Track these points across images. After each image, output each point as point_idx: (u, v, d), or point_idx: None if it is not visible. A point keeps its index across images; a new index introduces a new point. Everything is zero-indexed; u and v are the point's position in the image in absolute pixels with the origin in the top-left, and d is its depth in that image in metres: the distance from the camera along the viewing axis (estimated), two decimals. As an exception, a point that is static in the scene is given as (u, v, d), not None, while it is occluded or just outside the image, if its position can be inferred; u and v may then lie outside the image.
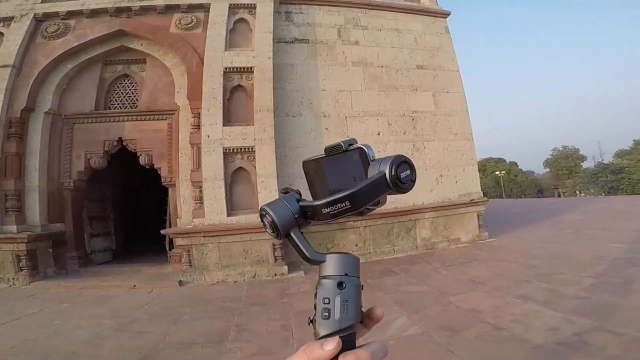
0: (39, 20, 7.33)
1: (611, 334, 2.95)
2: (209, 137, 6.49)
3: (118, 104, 7.56)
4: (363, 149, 0.50)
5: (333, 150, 0.53)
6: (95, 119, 7.30)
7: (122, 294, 5.60)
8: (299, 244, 0.51)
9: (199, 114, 6.69)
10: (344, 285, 0.47)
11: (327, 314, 0.45)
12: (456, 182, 8.21)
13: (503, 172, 47.48)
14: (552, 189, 47.14)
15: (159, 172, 7.16)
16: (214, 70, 6.84)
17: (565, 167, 45.61)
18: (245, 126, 6.67)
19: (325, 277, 0.48)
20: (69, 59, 7.29)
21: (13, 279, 6.20)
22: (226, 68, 6.88)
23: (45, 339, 3.75)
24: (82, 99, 7.37)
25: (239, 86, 6.96)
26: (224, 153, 6.46)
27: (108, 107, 7.50)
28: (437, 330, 3.37)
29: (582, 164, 46.19)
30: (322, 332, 0.44)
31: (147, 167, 7.27)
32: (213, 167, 6.39)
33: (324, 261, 0.50)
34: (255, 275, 6.23)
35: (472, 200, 8.20)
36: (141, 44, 7.47)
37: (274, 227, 0.49)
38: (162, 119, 7.31)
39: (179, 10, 7.42)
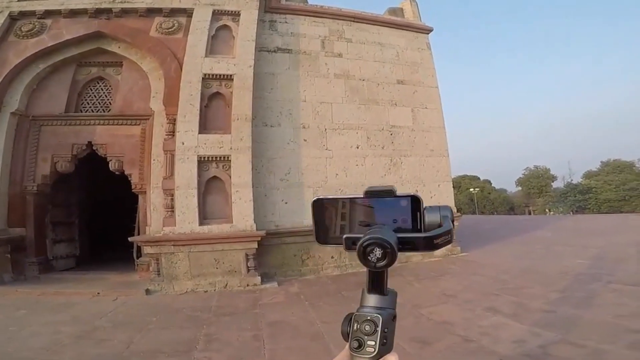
0: (14, 19, 7.09)
1: (574, 346, 3.03)
2: (183, 144, 6.36)
3: (90, 107, 7.32)
4: (417, 197, 0.56)
5: (382, 194, 0.57)
6: (64, 121, 7.05)
7: (84, 302, 5.36)
8: (386, 275, 0.54)
9: (175, 120, 6.55)
10: (394, 319, 0.56)
11: (385, 340, 0.53)
12: (431, 197, 8.31)
13: (477, 189, 48.91)
14: (523, 206, 48.69)
15: (130, 179, 6.94)
16: (193, 76, 6.74)
17: (537, 186, 47.19)
18: (222, 134, 6.57)
19: (382, 308, 0.55)
20: (42, 58, 7.06)
21: (-35, 286, 5.81)
22: (205, 74, 6.80)
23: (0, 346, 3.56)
24: (52, 100, 7.11)
25: (218, 93, 6.89)
26: (198, 161, 6.33)
27: (79, 110, 7.25)
28: (408, 342, 3.37)
29: (552, 183, 48.02)
30: (371, 350, 0.52)
31: (117, 173, 7.04)
32: (186, 175, 6.25)
33: (387, 295, 0.56)
34: (226, 285, 6.08)
35: None
36: (119, 47, 7.31)
37: (387, 255, 0.50)
38: (135, 124, 7.12)
39: (161, 14, 7.33)
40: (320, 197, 0.59)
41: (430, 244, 0.52)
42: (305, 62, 8.05)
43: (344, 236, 0.55)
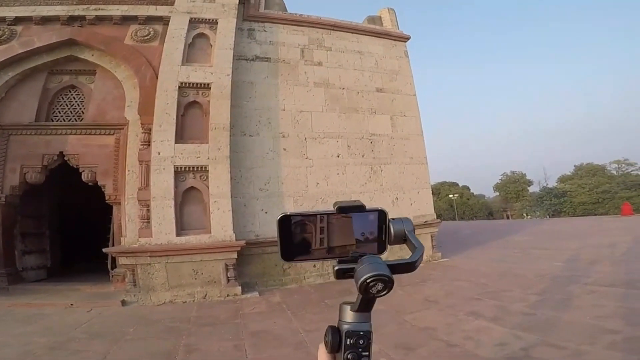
0: None
1: (555, 348, 3.06)
2: (159, 154, 6.22)
3: (62, 116, 7.09)
4: (384, 211, 0.60)
5: (353, 209, 0.60)
6: (34, 131, 6.79)
7: (57, 313, 5.18)
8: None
9: (150, 129, 6.43)
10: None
11: (365, 349, 0.57)
12: (411, 204, 8.39)
13: (456, 195, 49.68)
14: (501, 211, 49.61)
15: (103, 190, 6.73)
16: (169, 85, 6.63)
17: (514, 191, 48.14)
18: (199, 144, 6.47)
19: (367, 322, 0.59)
20: (11, 66, 6.84)
21: None
22: (182, 83, 6.70)
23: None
24: (21, 109, 6.86)
25: (195, 102, 6.79)
26: (175, 171, 6.20)
27: (50, 119, 7.01)
28: (393, 349, 3.36)
29: (528, 188, 48.89)
30: (365, 359, 0.56)
31: (90, 183, 6.80)
32: (163, 185, 6.11)
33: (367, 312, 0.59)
34: (206, 295, 5.94)
35: (426, 222, 8.39)
36: (92, 55, 7.15)
37: (387, 288, 0.55)
38: (109, 134, 6.93)
39: (137, 22, 7.22)
40: (287, 213, 0.59)
41: (413, 268, 0.58)
42: (284, 70, 8.03)
43: (335, 268, 0.58)
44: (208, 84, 6.82)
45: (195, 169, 6.35)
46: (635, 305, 4.01)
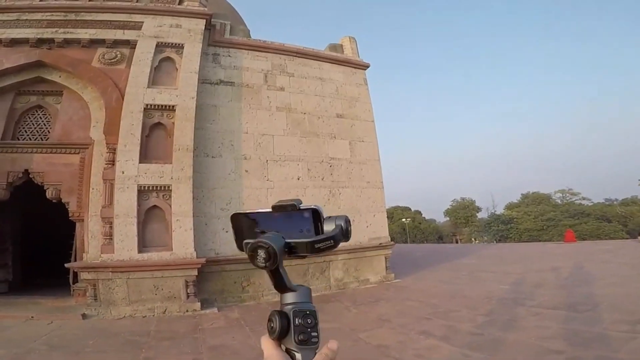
0: None
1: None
2: (123, 173, 6.51)
3: (28, 135, 7.29)
4: (317, 209, 0.63)
5: (287, 208, 0.63)
6: (0, 149, 6.96)
7: (17, 325, 5.30)
8: (283, 273, 0.61)
9: (115, 149, 6.72)
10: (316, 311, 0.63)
11: (313, 328, 0.61)
12: (367, 226, 8.87)
13: (409, 219, 51.28)
14: (451, 235, 51.01)
15: (67, 207, 6.95)
16: (135, 107, 6.94)
17: (463, 216, 49.46)
18: (162, 164, 6.80)
19: (304, 302, 0.62)
20: (-22, 87, 6.90)
21: None
22: (147, 105, 7.02)
23: None
24: (-12, 127, 6.98)
25: (159, 124, 7.12)
26: (138, 190, 6.51)
27: (17, 137, 7.19)
28: None
29: (477, 214, 50.65)
30: (315, 340, 0.60)
31: (54, 200, 7.02)
32: (126, 204, 6.40)
33: (296, 291, 0.63)
34: (165, 311, 6.20)
35: (380, 244, 8.91)
36: (59, 76, 7.39)
37: (271, 256, 0.57)
38: (74, 153, 7.18)
39: (104, 45, 7.49)
40: (238, 212, 0.67)
41: (312, 248, 0.60)
42: (247, 94, 8.43)
43: (244, 241, 0.63)
44: (173, 106, 7.14)
45: (158, 188, 6.66)
46: (576, 327, 4.25)
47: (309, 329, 0.59)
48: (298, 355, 0.58)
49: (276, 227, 0.64)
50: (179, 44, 7.70)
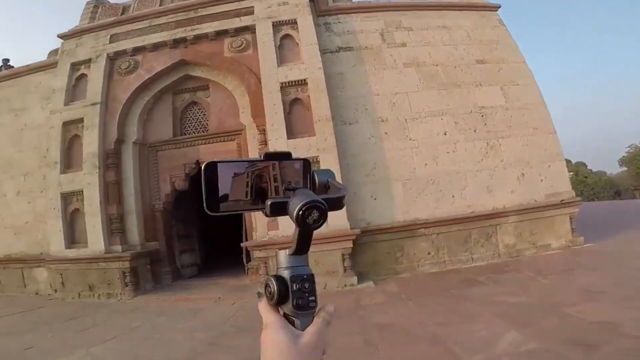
0: (112, 59, 8.14)
1: None
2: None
3: (191, 129, 8.20)
4: (309, 160, 0.62)
5: (282, 156, 0.61)
6: (174, 145, 8.03)
7: (209, 307, 5.92)
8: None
9: (264, 130, 6.99)
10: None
11: (311, 293, 0.57)
12: (541, 180, 7.42)
13: (571, 173, 41.82)
14: (632, 190, 39.74)
15: (234, 190, 7.58)
16: (272, 87, 7.10)
17: None
18: (308, 137, 6.83)
19: (301, 266, 0.58)
20: (144, 92, 8.03)
21: (120, 294, 7.01)
22: (282, 83, 7.12)
23: (147, 354, 4.07)
24: (160, 127, 8.14)
25: (297, 99, 7.16)
26: (291, 165, 6.65)
27: (183, 133, 8.17)
28: (564, 345, 2.99)
29: None
30: (312, 305, 0.57)
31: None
32: (283, 180, 6.61)
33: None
34: (325, 286, 6.10)
35: (562, 200, 7.30)
36: (202, 71, 8.01)
37: (324, 216, 0.52)
38: (230, 140, 7.83)
39: (228, 35, 7.80)
40: (213, 160, 0.57)
41: (340, 204, 0.57)
42: (369, 56, 7.96)
43: (269, 202, 0.56)
44: (304, 80, 7.13)
45: None
46: None
47: (306, 294, 0.56)
48: (297, 322, 0.56)
49: (264, 179, 0.59)
50: (292, 20, 7.63)
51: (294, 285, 0.56)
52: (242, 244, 7.17)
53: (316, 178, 0.61)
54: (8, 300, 7.57)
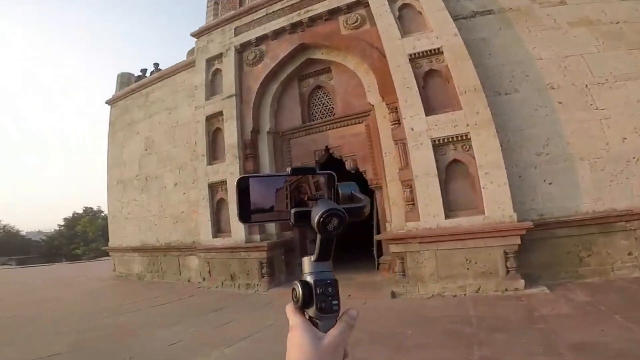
0: (239, 51, 8.30)
1: None
2: (413, 130, 5.88)
3: (318, 115, 7.89)
4: (333, 174, 0.64)
5: (308, 171, 0.63)
6: (303, 132, 7.86)
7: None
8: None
9: (396, 108, 6.26)
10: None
11: (334, 297, 0.57)
12: None
13: None
14: None
15: (365, 175, 7.02)
16: (399, 60, 6.30)
17: None
18: (451, 112, 5.80)
19: (324, 271, 0.59)
20: (272, 81, 8.05)
21: (257, 285, 7.03)
22: (411, 55, 6.25)
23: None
24: (290, 115, 8.06)
25: (432, 71, 6.24)
26: (432, 145, 5.73)
27: (311, 119, 7.92)
28: None
29: None
30: (335, 308, 0.57)
31: (352, 171, 7.20)
32: (423, 162, 5.73)
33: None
34: (479, 289, 5.18)
35: None
36: (322, 53, 7.64)
37: (342, 224, 0.54)
38: (358, 122, 7.31)
39: (342, 12, 7.29)
40: (245, 175, 0.61)
41: (362, 213, 0.59)
42: (518, 18, 6.64)
43: (293, 211, 0.58)
44: (438, 49, 6.15)
45: (454, 139, 5.71)
46: None
47: (329, 298, 0.58)
48: (320, 324, 0.57)
49: (292, 191, 0.63)
50: (411, -13, 6.64)
51: (318, 289, 0.57)
52: (375, 237, 6.44)
53: (339, 190, 0.62)
54: (167, 287, 8.30)
